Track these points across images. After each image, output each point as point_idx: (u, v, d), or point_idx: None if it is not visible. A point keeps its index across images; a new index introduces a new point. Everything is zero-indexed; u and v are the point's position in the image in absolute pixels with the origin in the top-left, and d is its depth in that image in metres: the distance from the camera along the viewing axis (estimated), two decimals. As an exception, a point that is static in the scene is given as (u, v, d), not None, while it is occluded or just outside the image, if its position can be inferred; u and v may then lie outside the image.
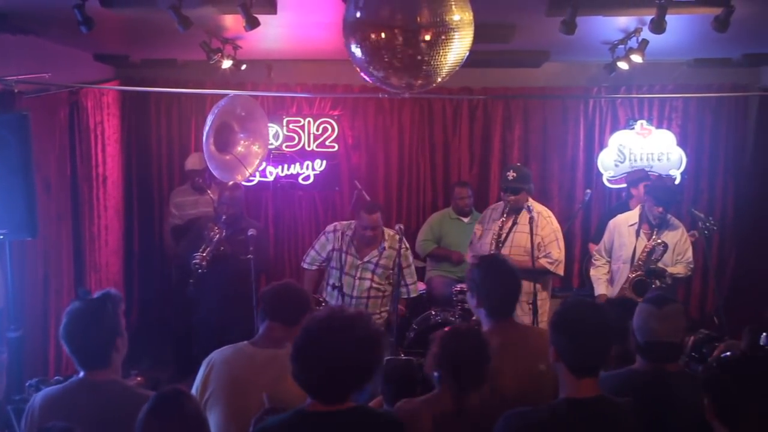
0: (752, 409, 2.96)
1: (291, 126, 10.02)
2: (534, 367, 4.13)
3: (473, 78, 9.68)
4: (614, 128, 9.83)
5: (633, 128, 9.65)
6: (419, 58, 3.94)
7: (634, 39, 7.19)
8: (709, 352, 5.18)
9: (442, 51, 3.94)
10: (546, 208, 7.60)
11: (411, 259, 7.62)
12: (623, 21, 6.88)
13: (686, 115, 9.80)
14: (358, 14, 4.03)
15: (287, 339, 4.37)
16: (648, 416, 3.65)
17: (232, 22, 6.70)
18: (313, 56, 9.38)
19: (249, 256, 7.09)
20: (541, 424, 3.38)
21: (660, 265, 7.16)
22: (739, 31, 6.92)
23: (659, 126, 9.71)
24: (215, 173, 8.13)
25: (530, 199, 7.44)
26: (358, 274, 7.28)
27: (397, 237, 7.12)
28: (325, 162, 10.02)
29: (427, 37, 3.90)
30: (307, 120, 10.00)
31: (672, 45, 7.97)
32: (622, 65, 7.84)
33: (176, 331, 8.84)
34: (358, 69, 4.33)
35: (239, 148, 8.40)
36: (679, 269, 7.33)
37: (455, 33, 3.96)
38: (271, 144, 9.78)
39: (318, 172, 10.03)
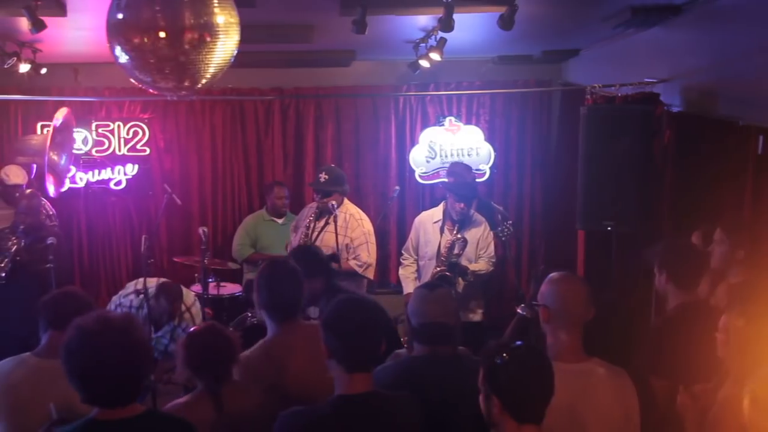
0: (534, 398, 3.10)
1: (100, 130, 9.76)
2: (323, 366, 4.14)
3: (284, 78, 9.76)
4: (424, 125, 9.94)
5: (442, 125, 9.79)
6: (183, 60, 3.90)
7: (433, 37, 7.31)
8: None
9: (206, 53, 3.91)
10: (359, 210, 7.65)
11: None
12: (422, 20, 7.01)
13: (493, 110, 10.01)
14: (120, 15, 3.96)
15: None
16: (428, 400, 3.72)
17: (24, 24, 6.50)
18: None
19: (49, 265, 6.93)
20: (315, 422, 3.41)
21: (464, 259, 7.26)
22: (535, 29, 7.18)
23: (468, 122, 9.89)
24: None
25: (345, 200, 7.49)
26: None
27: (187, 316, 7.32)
28: (137, 166, 9.81)
29: (191, 39, 3.87)
30: (116, 124, 9.78)
31: (474, 43, 8.17)
32: (424, 63, 7.98)
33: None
34: (125, 72, 4.27)
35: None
36: (481, 265, 7.44)
37: (219, 35, 3.94)
38: (80, 149, 9.57)
39: (130, 177, 9.81)
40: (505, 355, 3.10)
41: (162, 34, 3.83)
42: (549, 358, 3.26)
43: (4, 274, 7.01)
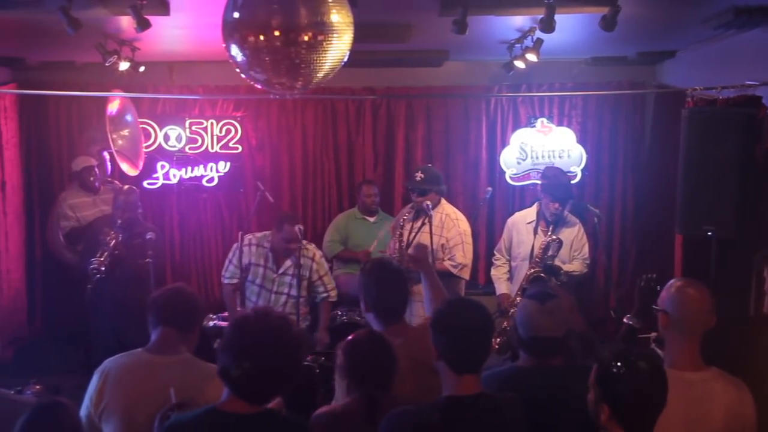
0: (645, 410, 3.06)
1: (194, 128, 9.90)
2: (430, 366, 4.11)
3: (375, 78, 9.76)
4: (516, 126, 9.88)
5: (534, 126, 9.71)
6: (298, 59, 3.93)
7: (530, 38, 7.29)
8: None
9: (320, 52, 3.94)
10: (456, 210, 7.67)
11: (326, 266, 7.60)
12: (518, 20, 6.99)
13: (585, 112, 9.91)
14: (236, 15, 4.01)
15: (182, 344, 4.34)
16: (534, 413, 3.69)
17: (126, 23, 6.60)
18: (215, 57, 9.19)
19: (148, 260, 7.04)
20: (423, 422, 3.39)
21: (557, 261, 7.22)
22: (632, 30, 7.10)
23: (559, 123, 9.80)
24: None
25: (442, 201, 7.50)
26: (275, 288, 7.28)
27: (310, 247, 7.31)
28: (229, 164, 9.94)
29: (306, 39, 3.90)
30: (210, 122, 9.90)
31: (568, 44, 8.09)
32: (519, 64, 7.96)
33: (77, 338, 8.68)
34: (238, 71, 4.32)
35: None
36: (575, 266, 7.41)
37: (334, 34, 3.96)
38: (174, 146, 9.75)
39: (222, 174, 9.94)
40: (620, 364, 3.06)
41: (277, 33, 3.87)
42: (664, 368, 3.21)
43: (103, 268, 7.11)
